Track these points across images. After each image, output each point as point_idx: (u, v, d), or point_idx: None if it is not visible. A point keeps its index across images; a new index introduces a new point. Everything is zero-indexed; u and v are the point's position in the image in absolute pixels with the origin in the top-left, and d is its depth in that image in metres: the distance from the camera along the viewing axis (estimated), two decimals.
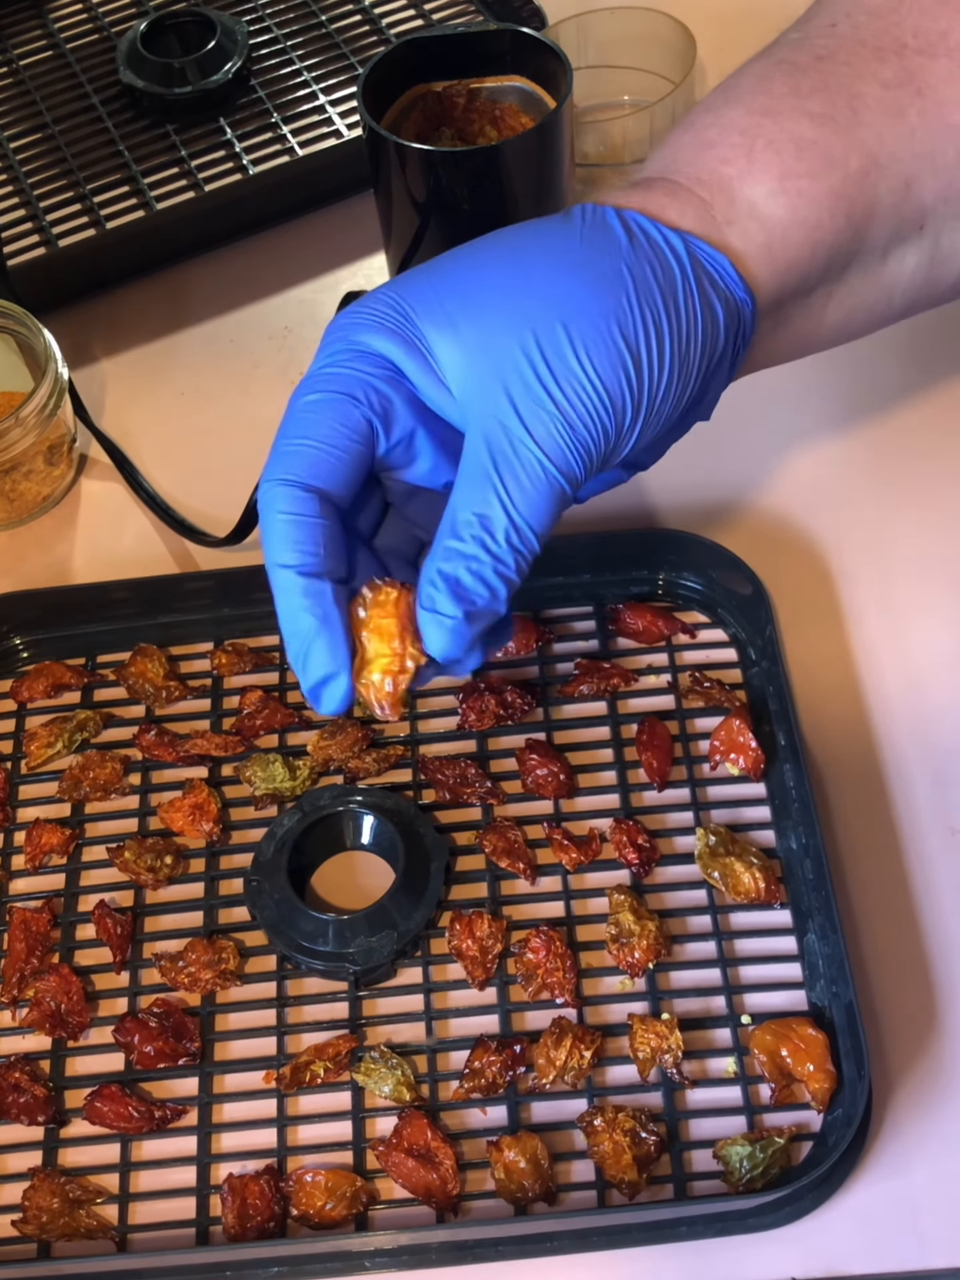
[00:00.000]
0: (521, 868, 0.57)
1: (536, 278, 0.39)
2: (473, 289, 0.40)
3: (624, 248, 0.40)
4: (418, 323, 0.40)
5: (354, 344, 0.41)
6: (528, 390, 0.38)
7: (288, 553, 0.39)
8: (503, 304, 0.39)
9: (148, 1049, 0.53)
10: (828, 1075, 0.50)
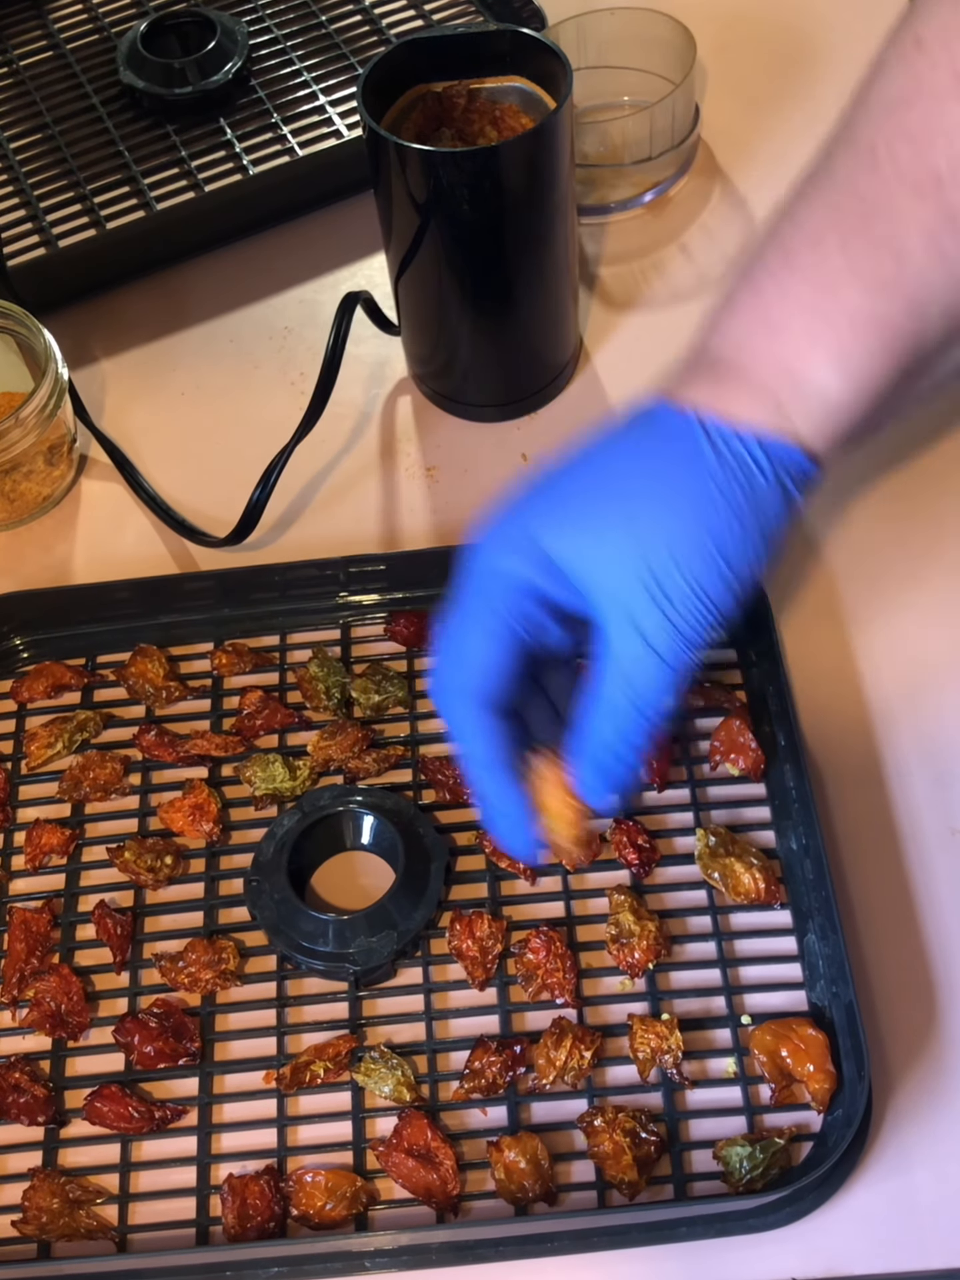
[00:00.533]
0: (521, 868, 0.57)
1: (642, 514, 0.45)
2: (589, 523, 0.46)
3: (713, 468, 0.45)
4: (549, 551, 0.46)
5: (499, 572, 0.47)
6: (649, 615, 0.45)
7: (480, 750, 0.48)
8: (618, 539, 0.45)
9: (148, 1049, 0.53)
10: (828, 1075, 0.50)
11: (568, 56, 0.64)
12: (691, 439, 0.45)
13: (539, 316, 0.70)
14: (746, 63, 0.88)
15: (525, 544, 0.46)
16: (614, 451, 0.47)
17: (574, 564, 0.46)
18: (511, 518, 0.47)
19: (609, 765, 0.47)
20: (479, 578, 0.48)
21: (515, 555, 0.47)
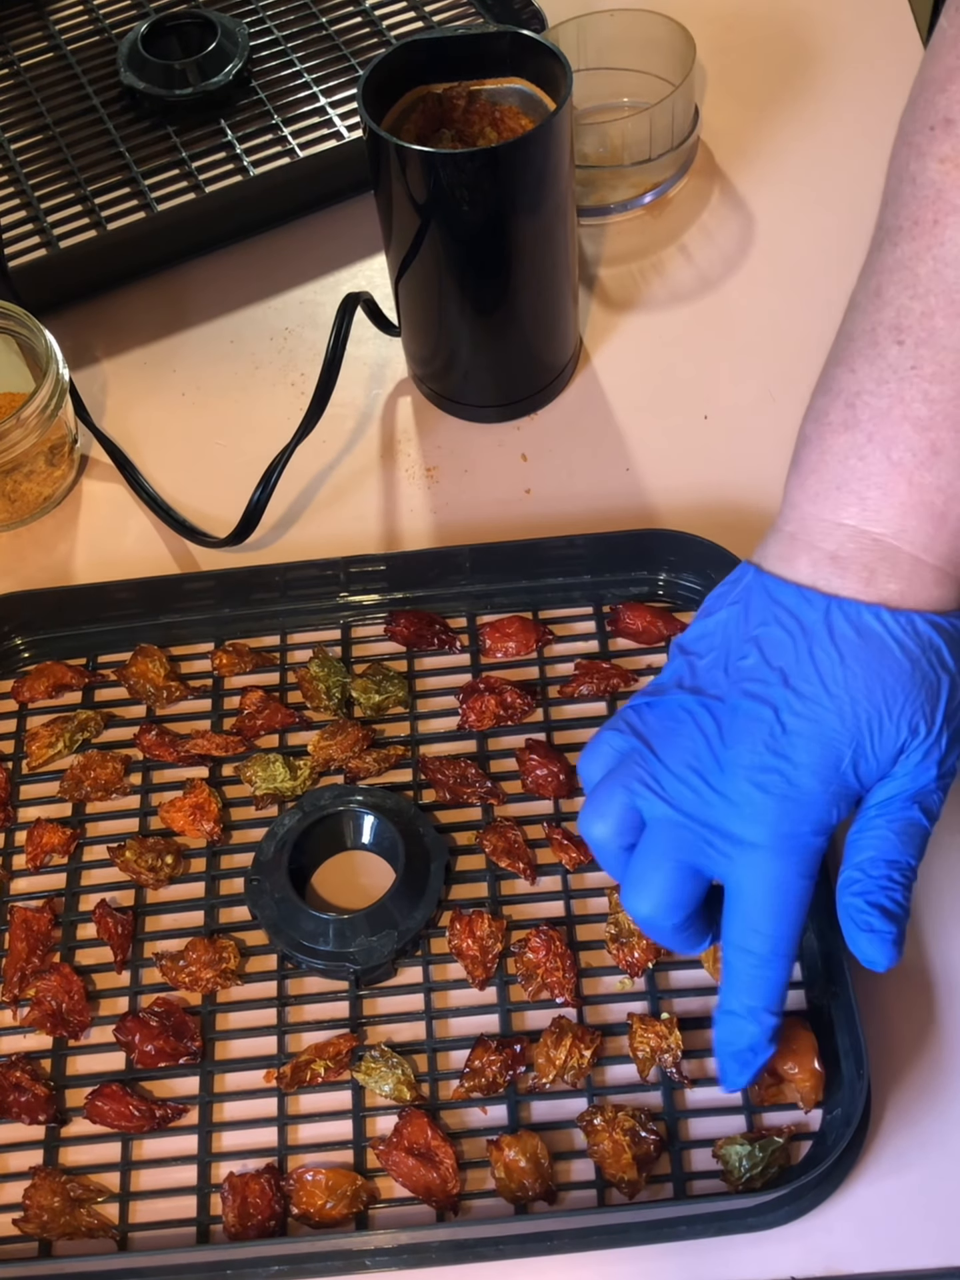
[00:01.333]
0: (521, 867, 0.57)
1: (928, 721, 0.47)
2: (878, 745, 0.47)
3: (943, 665, 0.47)
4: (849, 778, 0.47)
5: (813, 847, 0.47)
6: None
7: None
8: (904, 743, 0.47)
9: (148, 1048, 0.53)
10: (813, 1074, 0.50)
11: (567, 58, 0.64)
12: (930, 644, 0.47)
13: (539, 317, 0.70)
14: (746, 64, 0.88)
15: (837, 791, 0.47)
16: (862, 669, 0.46)
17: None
18: (812, 810, 0.46)
19: (889, 907, 0.48)
20: (800, 856, 0.47)
21: (843, 800, 0.47)
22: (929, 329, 0.46)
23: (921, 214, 0.46)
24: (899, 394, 0.47)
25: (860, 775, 0.47)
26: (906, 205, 0.47)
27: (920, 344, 0.47)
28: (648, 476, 0.71)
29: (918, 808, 0.47)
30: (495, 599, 0.65)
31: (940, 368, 0.46)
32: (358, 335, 0.72)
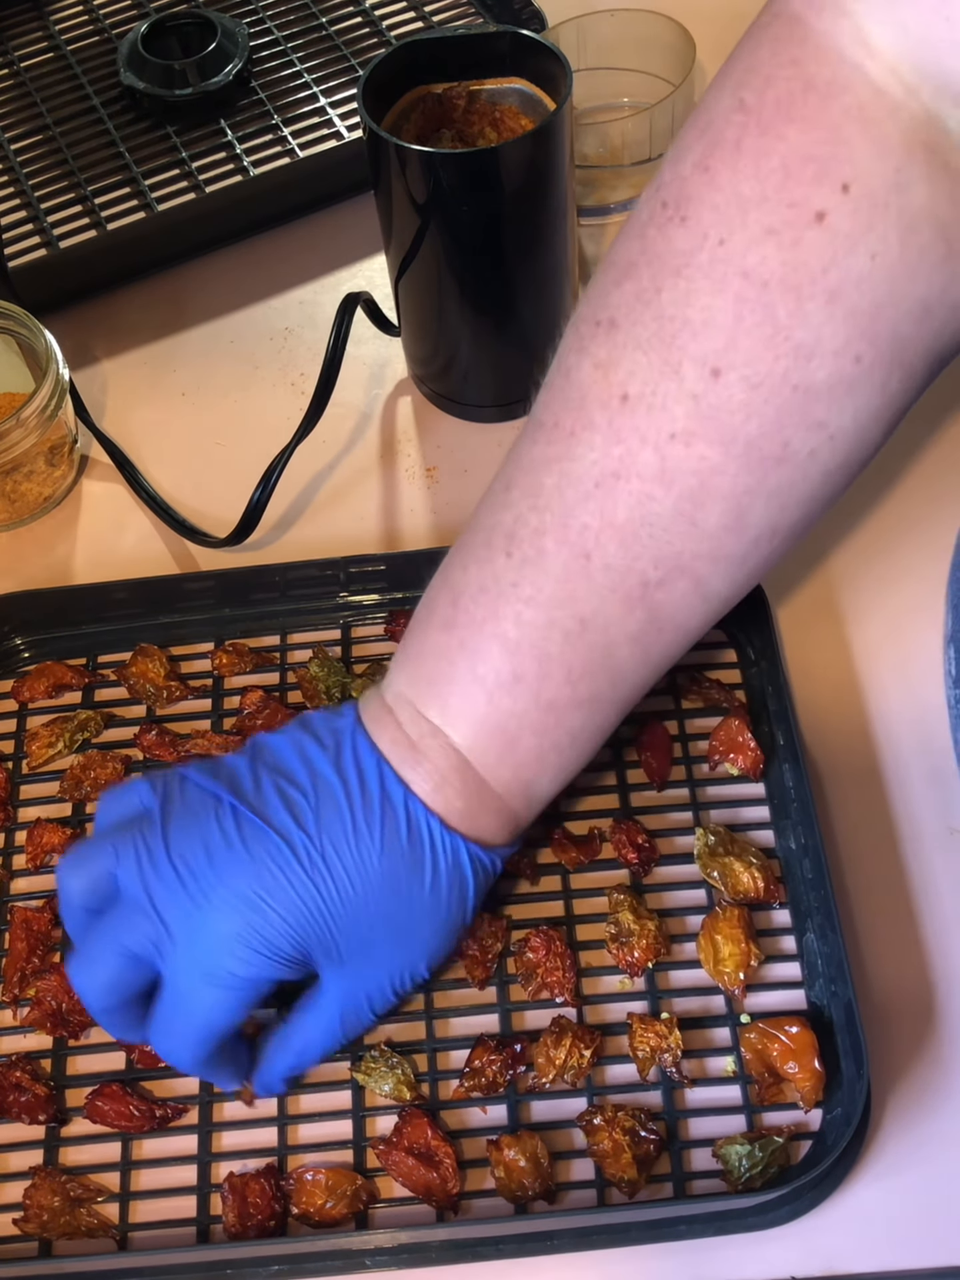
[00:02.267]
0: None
1: (416, 939, 0.49)
2: (362, 949, 0.48)
3: (472, 892, 0.49)
4: (316, 961, 0.48)
5: (263, 979, 0.48)
6: (387, 996, 0.50)
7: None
8: (385, 954, 0.49)
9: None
10: (813, 1074, 0.50)
11: (567, 58, 0.64)
12: (462, 869, 0.48)
13: (539, 317, 0.70)
14: None
15: (291, 950, 0.47)
16: (393, 874, 0.47)
17: (329, 966, 0.48)
18: (281, 920, 0.46)
19: (290, 1079, 0.52)
20: (239, 967, 0.47)
21: (278, 965, 0.47)
22: (538, 548, 0.46)
23: (563, 418, 0.45)
24: (494, 609, 0.46)
25: (312, 958, 0.48)
26: (554, 401, 0.46)
27: (526, 562, 0.46)
28: None
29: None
30: None
31: (538, 592, 0.46)
32: (358, 335, 0.72)
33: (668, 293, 0.42)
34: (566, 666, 0.46)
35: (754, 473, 0.42)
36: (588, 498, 0.44)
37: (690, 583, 0.45)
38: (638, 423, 0.43)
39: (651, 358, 0.42)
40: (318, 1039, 0.50)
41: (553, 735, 0.48)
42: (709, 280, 0.41)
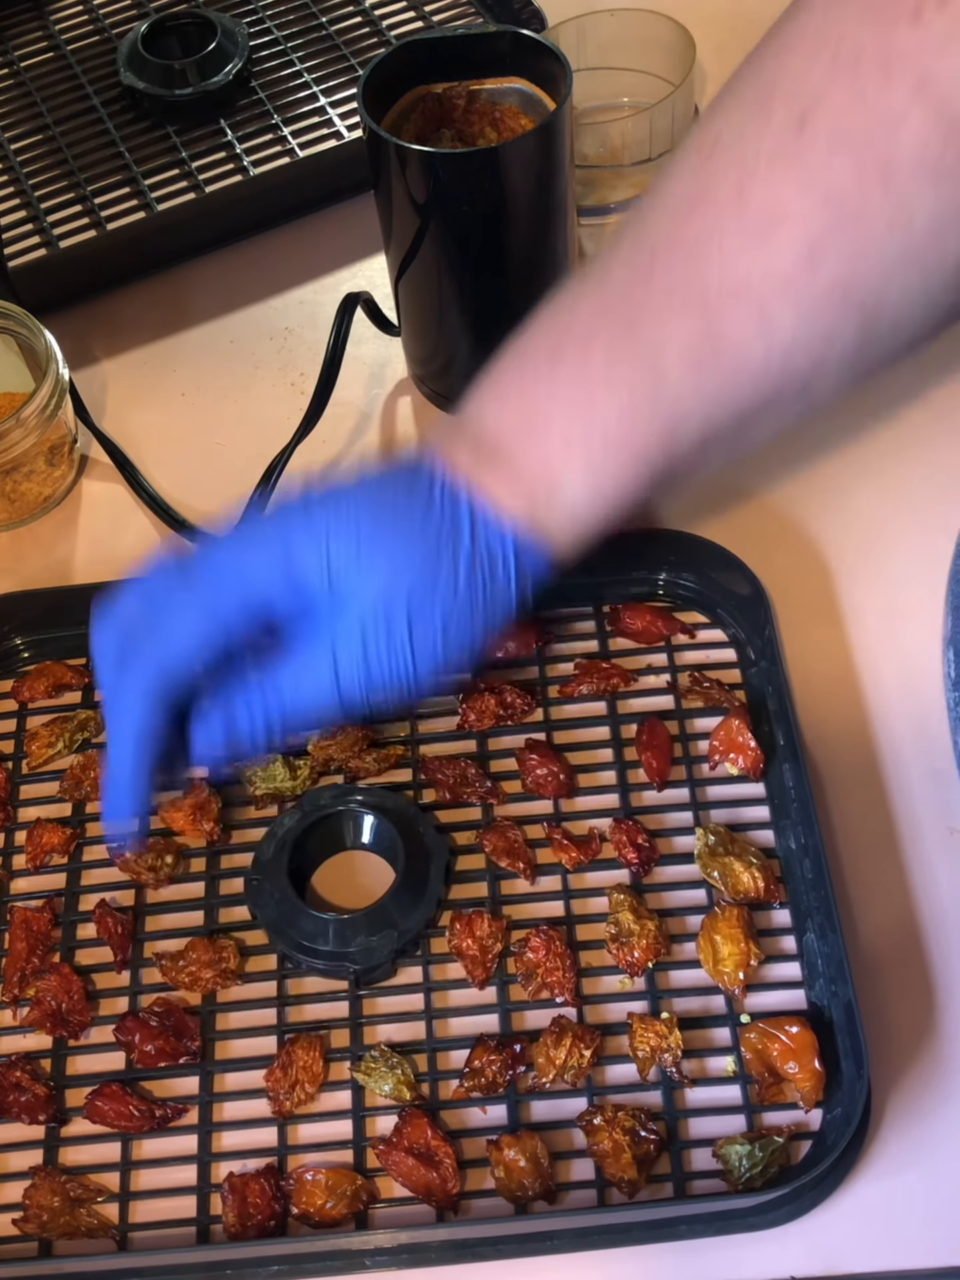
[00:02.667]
0: (521, 867, 0.57)
1: (399, 568, 0.47)
2: (347, 553, 0.46)
3: (468, 554, 0.47)
4: (298, 562, 0.47)
5: (246, 577, 0.47)
6: (351, 654, 0.46)
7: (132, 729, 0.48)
8: (369, 577, 0.46)
9: (148, 1048, 0.53)
10: (813, 1074, 0.50)
11: (567, 58, 0.64)
12: (456, 518, 0.47)
13: None
14: None
15: (280, 553, 0.46)
16: (387, 499, 0.47)
17: (313, 581, 0.46)
18: (278, 522, 0.47)
19: (232, 737, 0.48)
20: (224, 571, 0.47)
21: (268, 565, 0.47)
22: (609, 256, 0.48)
23: (665, 166, 0.48)
24: (555, 310, 0.50)
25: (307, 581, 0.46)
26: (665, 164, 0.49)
27: (598, 269, 0.48)
28: None
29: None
30: None
31: (599, 286, 0.48)
32: (358, 335, 0.72)
33: (770, 59, 0.45)
34: (610, 358, 0.46)
35: (829, 220, 0.43)
36: (665, 217, 0.46)
37: (753, 308, 0.45)
38: (722, 159, 0.45)
39: (746, 108, 0.45)
40: (274, 679, 0.47)
41: (584, 426, 0.47)
42: (810, 46, 0.44)
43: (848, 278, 0.44)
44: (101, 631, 0.48)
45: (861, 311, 0.45)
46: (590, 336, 0.47)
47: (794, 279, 0.44)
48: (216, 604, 0.47)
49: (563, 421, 0.47)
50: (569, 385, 0.47)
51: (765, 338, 0.45)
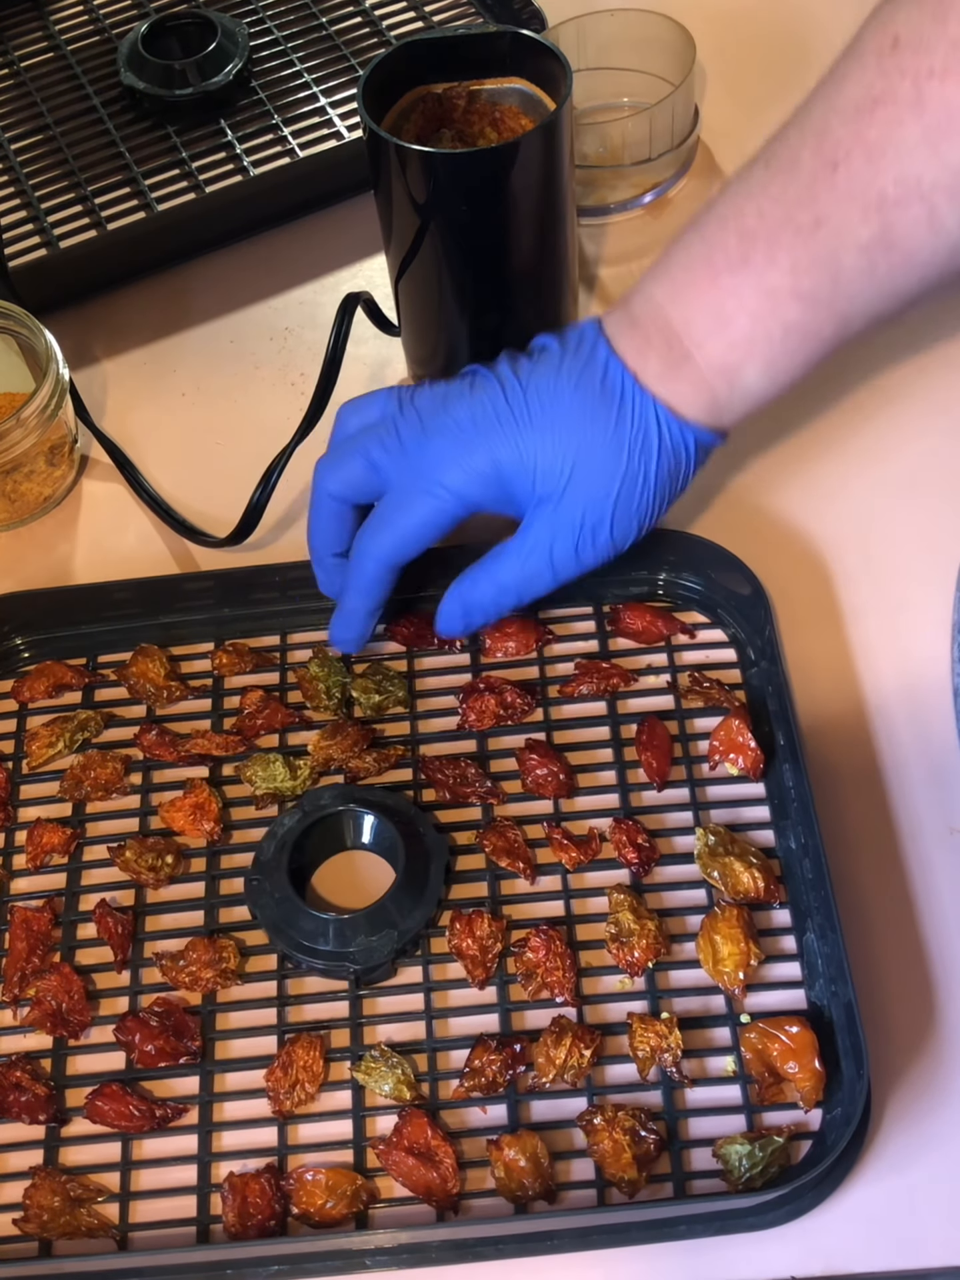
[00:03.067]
0: (521, 867, 0.57)
1: (601, 482, 0.55)
2: (555, 462, 0.54)
3: (655, 451, 0.54)
4: (504, 471, 0.55)
5: (454, 489, 0.56)
6: (564, 547, 0.56)
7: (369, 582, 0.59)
8: (573, 492, 0.55)
9: (148, 1048, 0.53)
10: (813, 1074, 0.50)
11: (567, 58, 0.64)
12: (647, 427, 0.54)
13: (539, 317, 0.70)
14: (746, 64, 0.88)
15: (488, 467, 0.55)
16: (586, 410, 0.54)
17: (522, 490, 0.55)
18: (482, 438, 0.55)
19: (465, 613, 0.58)
20: (446, 477, 0.55)
21: (476, 480, 0.55)
22: (792, 159, 0.51)
23: (840, 65, 0.50)
24: (740, 206, 0.52)
25: (512, 487, 0.55)
26: (840, 58, 0.50)
27: (779, 170, 0.51)
28: None
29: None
30: None
31: (783, 192, 0.51)
32: (358, 335, 0.72)
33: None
34: (793, 257, 0.50)
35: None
36: (846, 120, 0.49)
37: (924, 210, 0.48)
38: (902, 60, 0.47)
39: (924, 10, 0.47)
40: (498, 571, 0.57)
41: (766, 323, 0.52)
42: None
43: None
44: (352, 455, 0.58)
45: None
46: (775, 240, 0.51)
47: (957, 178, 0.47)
48: (441, 507, 0.55)
49: (748, 321, 0.52)
50: (754, 286, 0.51)
51: (934, 238, 0.49)
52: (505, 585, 0.57)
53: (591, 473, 0.54)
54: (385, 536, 0.56)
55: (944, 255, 0.50)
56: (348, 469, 0.57)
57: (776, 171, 0.51)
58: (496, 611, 0.58)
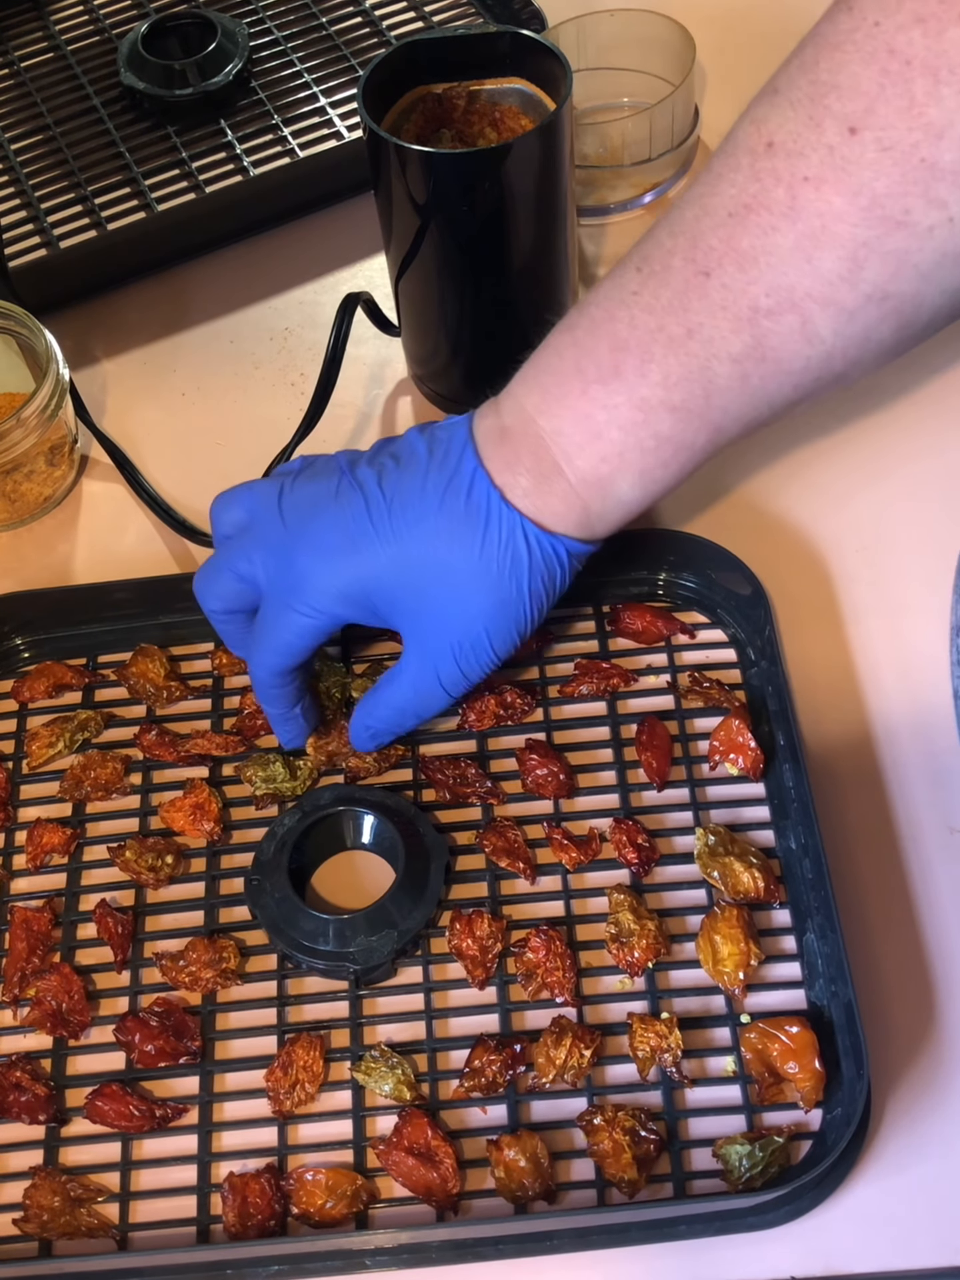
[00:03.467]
0: (521, 867, 0.57)
1: (471, 605, 0.54)
2: (421, 605, 0.55)
3: (526, 569, 0.54)
4: (379, 607, 0.55)
5: (331, 614, 0.55)
6: (449, 670, 0.55)
7: (276, 699, 0.60)
8: (444, 617, 0.55)
9: (148, 1048, 0.53)
10: (813, 1074, 0.50)
11: (567, 58, 0.64)
12: (516, 552, 0.53)
13: (539, 317, 0.70)
14: (746, 64, 0.87)
15: (353, 589, 0.54)
16: (447, 531, 0.53)
17: (389, 613, 0.55)
18: (344, 559, 0.54)
19: (372, 736, 0.59)
20: (311, 598, 0.54)
21: (341, 602, 0.55)
22: (665, 265, 0.50)
23: (714, 164, 0.49)
24: (612, 312, 0.51)
25: (378, 608, 0.55)
26: (714, 157, 0.50)
27: (651, 275, 0.51)
28: None
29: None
30: None
31: (654, 300, 0.50)
32: (358, 335, 0.72)
33: (824, 63, 0.47)
34: (665, 369, 0.50)
35: (873, 228, 0.46)
36: (719, 225, 0.48)
37: (798, 319, 0.48)
38: (776, 165, 0.47)
39: (799, 113, 0.47)
40: (392, 697, 0.57)
41: (639, 434, 0.51)
42: (860, 54, 0.45)
43: (886, 283, 0.47)
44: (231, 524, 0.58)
45: (898, 315, 0.48)
46: (646, 351, 0.50)
47: (836, 293, 0.47)
48: (314, 625, 0.55)
49: (619, 434, 0.52)
50: (625, 398, 0.51)
51: (807, 348, 0.49)
52: (403, 709, 0.57)
53: (459, 597, 0.54)
54: (264, 653, 0.56)
55: (817, 364, 0.49)
56: (220, 585, 0.57)
57: (648, 277, 0.50)
58: (401, 730, 0.59)
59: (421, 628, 0.55)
